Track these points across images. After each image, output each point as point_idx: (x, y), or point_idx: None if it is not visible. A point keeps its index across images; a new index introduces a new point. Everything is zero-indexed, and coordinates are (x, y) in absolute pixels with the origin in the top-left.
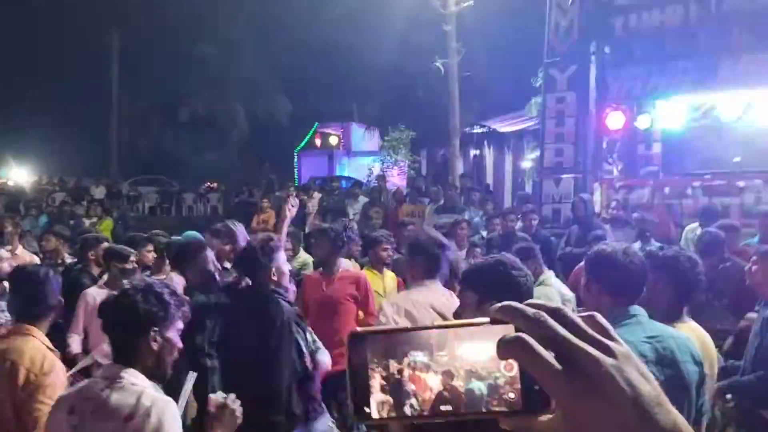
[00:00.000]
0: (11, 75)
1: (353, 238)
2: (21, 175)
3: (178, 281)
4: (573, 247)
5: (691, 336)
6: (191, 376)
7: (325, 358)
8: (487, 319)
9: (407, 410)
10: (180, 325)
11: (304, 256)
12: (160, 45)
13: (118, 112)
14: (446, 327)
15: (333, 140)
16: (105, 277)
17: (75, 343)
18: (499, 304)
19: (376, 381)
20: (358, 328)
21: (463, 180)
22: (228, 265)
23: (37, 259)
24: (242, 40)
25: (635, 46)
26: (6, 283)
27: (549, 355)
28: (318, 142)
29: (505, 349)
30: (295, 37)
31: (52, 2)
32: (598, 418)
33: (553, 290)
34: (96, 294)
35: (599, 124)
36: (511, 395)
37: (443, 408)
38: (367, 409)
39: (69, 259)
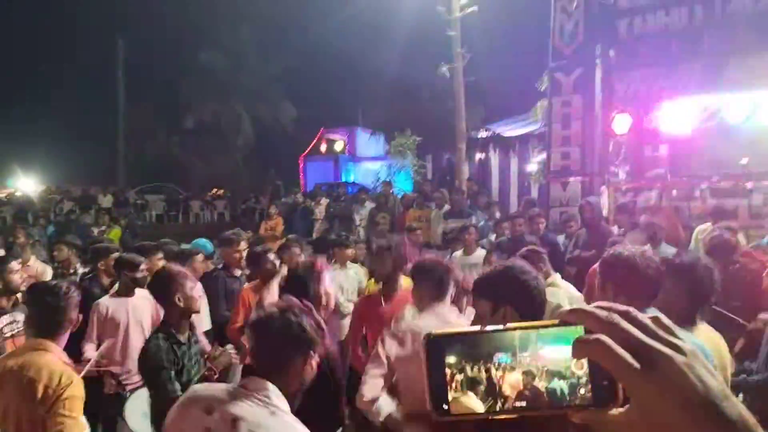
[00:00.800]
0: (17, 85)
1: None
2: (28, 184)
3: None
4: (581, 250)
5: (706, 341)
6: None
7: None
8: (555, 321)
9: (487, 407)
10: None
11: None
12: (165, 52)
13: (123, 120)
14: (521, 329)
15: (338, 146)
16: (116, 286)
17: (90, 351)
18: (568, 308)
19: (457, 380)
20: (434, 331)
21: (469, 184)
22: (238, 272)
23: (49, 270)
24: (246, 47)
25: (640, 48)
26: (19, 295)
27: (627, 354)
28: (323, 147)
29: (584, 348)
30: (299, 43)
31: (57, 11)
32: (673, 412)
33: (561, 292)
34: (108, 303)
35: (605, 127)
36: (582, 391)
37: (520, 404)
38: (445, 406)
39: (81, 269)
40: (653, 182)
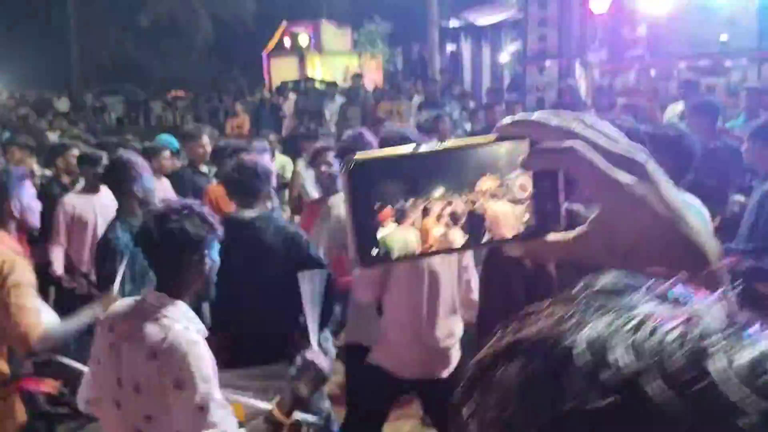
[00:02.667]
0: None
1: None
2: None
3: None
4: None
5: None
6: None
7: None
8: (493, 137)
9: (420, 247)
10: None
11: (281, 159)
12: None
13: (75, 20)
14: (455, 149)
15: (303, 40)
16: (79, 184)
17: (57, 259)
18: (511, 118)
19: (389, 217)
20: (359, 154)
21: (442, 75)
22: (204, 168)
23: None
24: None
25: None
26: None
27: (605, 161)
28: (287, 43)
29: (550, 158)
30: None
31: None
32: (642, 215)
33: None
34: (73, 201)
35: (584, 7)
36: (526, 218)
37: (462, 238)
38: (374, 251)
39: (38, 171)
40: (631, 64)
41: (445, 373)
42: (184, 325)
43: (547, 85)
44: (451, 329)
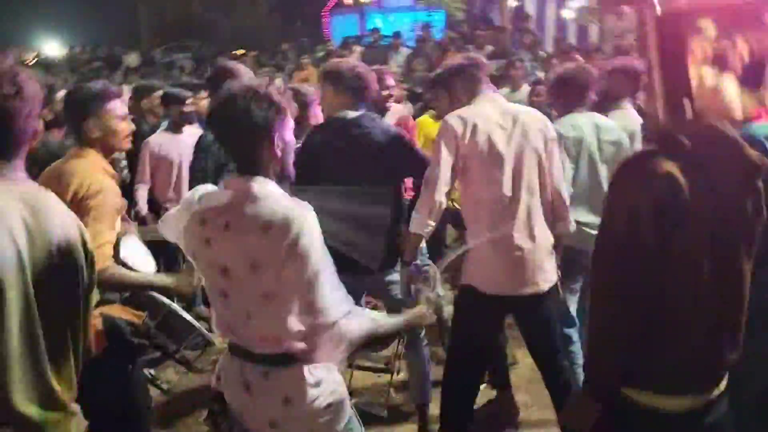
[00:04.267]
0: None
1: None
2: (52, 48)
3: None
4: None
5: None
6: None
7: None
8: None
9: None
10: (291, 122)
11: None
12: None
13: None
14: None
15: None
16: (164, 124)
17: (142, 198)
18: None
19: None
20: None
21: (516, 22)
22: None
23: None
24: None
25: None
26: None
27: None
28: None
29: None
30: None
31: None
32: None
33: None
34: (159, 140)
35: None
36: None
37: None
38: None
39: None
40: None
41: (538, 288)
42: (284, 198)
43: (625, 30)
44: (538, 237)
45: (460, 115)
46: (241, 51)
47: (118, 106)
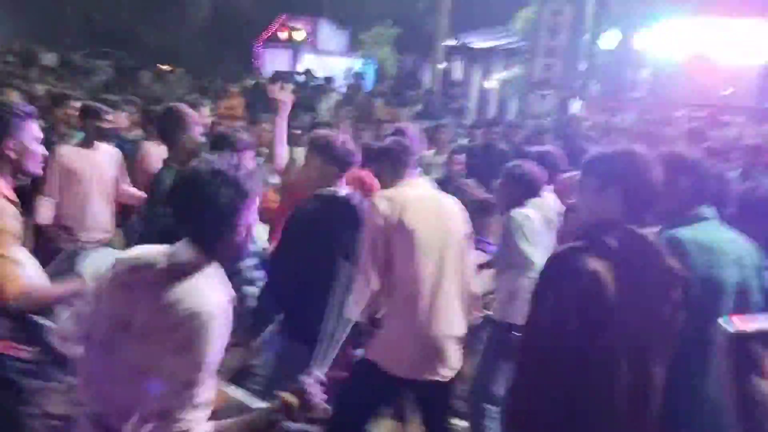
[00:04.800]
0: None
1: None
2: None
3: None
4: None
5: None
6: None
7: None
8: None
9: None
10: (256, 203)
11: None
12: None
13: None
14: None
15: (299, 35)
16: (78, 136)
17: (45, 210)
18: None
19: None
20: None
21: (445, 86)
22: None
23: None
24: None
25: None
26: None
27: None
28: (283, 35)
29: None
30: None
31: None
32: None
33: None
34: (69, 152)
35: (593, 42)
36: None
37: None
38: None
39: None
40: (631, 104)
41: (445, 374)
42: (214, 291)
43: (547, 113)
44: (453, 325)
45: (389, 197)
46: (168, 67)
47: (36, 128)
